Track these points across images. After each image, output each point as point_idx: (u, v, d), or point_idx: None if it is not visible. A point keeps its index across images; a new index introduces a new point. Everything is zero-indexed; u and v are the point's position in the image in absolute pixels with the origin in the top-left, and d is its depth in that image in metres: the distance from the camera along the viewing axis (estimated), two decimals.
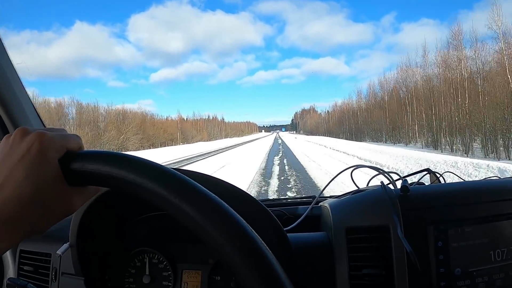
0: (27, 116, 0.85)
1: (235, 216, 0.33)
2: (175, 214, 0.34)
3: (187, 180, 0.35)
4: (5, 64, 0.80)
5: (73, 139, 0.40)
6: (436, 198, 0.69)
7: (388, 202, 0.65)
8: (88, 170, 0.37)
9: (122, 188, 0.36)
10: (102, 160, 0.37)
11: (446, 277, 0.64)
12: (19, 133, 0.38)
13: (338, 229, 0.68)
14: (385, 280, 0.63)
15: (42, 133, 0.37)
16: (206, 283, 0.72)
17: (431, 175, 0.87)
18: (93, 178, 0.37)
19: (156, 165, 0.36)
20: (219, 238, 0.32)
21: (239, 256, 0.31)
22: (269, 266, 0.31)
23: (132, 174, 0.35)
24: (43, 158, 0.36)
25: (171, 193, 0.34)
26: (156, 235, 0.77)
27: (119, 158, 0.37)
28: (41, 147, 0.36)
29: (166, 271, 0.75)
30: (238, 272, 0.31)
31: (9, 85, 0.80)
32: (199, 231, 0.33)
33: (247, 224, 0.33)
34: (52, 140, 0.37)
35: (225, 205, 0.34)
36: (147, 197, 0.35)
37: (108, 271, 0.76)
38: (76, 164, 0.37)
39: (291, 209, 0.93)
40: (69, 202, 0.39)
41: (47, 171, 0.36)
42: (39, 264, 0.80)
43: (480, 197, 0.69)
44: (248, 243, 0.32)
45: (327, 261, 0.67)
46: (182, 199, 0.33)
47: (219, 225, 0.32)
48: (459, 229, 0.66)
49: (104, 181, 0.37)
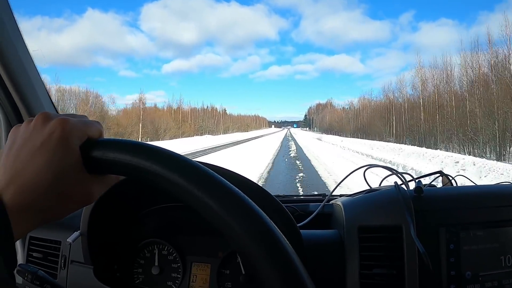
0: (42, 103, 0.85)
1: (260, 213, 0.33)
2: (198, 207, 0.34)
3: (211, 173, 0.35)
4: (22, 50, 0.80)
5: (94, 126, 0.39)
6: (449, 200, 0.69)
7: (402, 202, 0.66)
8: (110, 158, 0.36)
9: (143, 178, 0.36)
10: (124, 149, 0.36)
11: (457, 280, 0.64)
12: (41, 118, 0.37)
13: (350, 227, 0.68)
14: (396, 280, 0.63)
15: (65, 119, 0.36)
16: (215, 276, 0.72)
17: (443, 177, 0.87)
18: (113, 166, 0.37)
19: (179, 157, 0.36)
20: (244, 235, 0.32)
21: (264, 254, 0.31)
22: (293, 267, 0.31)
23: (156, 165, 0.35)
24: (65, 145, 0.35)
25: (195, 186, 0.33)
26: (167, 227, 0.77)
27: (142, 148, 0.36)
28: (63, 133, 0.35)
29: (175, 263, 0.75)
30: (262, 271, 0.31)
31: (25, 72, 0.80)
32: (221, 225, 0.33)
33: (271, 221, 0.33)
34: (74, 126, 0.36)
35: (249, 200, 0.34)
36: (168, 188, 0.35)
37: (117, 261, 0.76)
38: (97, 152, 0.37)
39: (302, 206, 0.93)
40: (88, 191, 0.38)
41: (68, 159, 0.36)
42: (48, 251, 0.80)
43: (492, 201, 0.69)
44: (273, 241, 0.32)
45: (338, 258, 0.67)
46: (206, 193, 0.33)
47: (244, 222, 0.32)
48: (471, 233, 0.66)
49: (125, 171, 0.37)
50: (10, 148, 0.37)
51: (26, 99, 0.81)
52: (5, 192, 0.34)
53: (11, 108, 0.82)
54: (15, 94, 0.79)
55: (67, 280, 0.75)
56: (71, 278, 0.75)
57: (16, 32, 0.79)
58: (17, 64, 0.79)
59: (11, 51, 0.77)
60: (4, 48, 0.75)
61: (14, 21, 0.78)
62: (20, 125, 0.39)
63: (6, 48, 0.76)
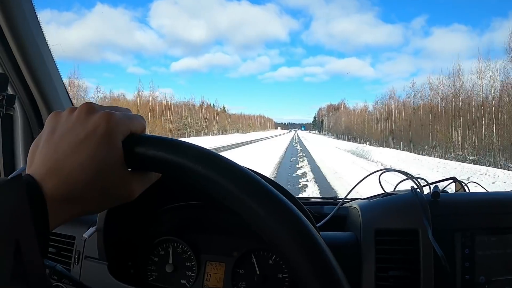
0: (60, 98, 0.85)
1: (298, 213, 0.34)
2: (239, 209, 0.34)
3: (252, 175, 0.35)
4: (42, 45, 0.81)
5: (138, 120, 0.38)
6: (464, 205, 0.70)
7: (419, 206, 0.66)
8: (152, 155, 0.36)
9: (185, 178, 0.36)
10: (169, 146, 0.36)
11: (471, 284, 0.65)
12: (85, 109, 0.36)
13: (367, 230, 0.69)
14: (411, 283, 0.64)
15: (110, 113, 0.35)
16: (229, 275, 0.72)
17: (457, 183, 0.88)
18: (156, 163, 0.36)
19: (221, 158, 0.36)
20: (285, 235, 0.33)
21: (303, 254, 0.32)
22: (331, 267, 0.32)
23: (200, 166, 0.35)
24: (109, 140, 0.35)
25: (238, 188, 0.34)
26: (182, 225, 0.78)
27: (187, 147, 0.36)
28: (108, 128, 0.35)
29: (189, 261, 0.75)
30: (299, 269, 0.32)
31: (45, 66, 0.81)
32: (262, 227, 0.33)
33: (308, 221, 0.34)
34: (119, 121, 0.36)
35: (286, 200, 0.34)
36: (210, 189, 0.35)
37: (132, 258, 0.76)
38: (140, 148, 0.36)
39: (317, 208, 0.94)
40: (129, 188, 0.37)
41: (110, 155, 0.35)
42: (62, 246, 0.80)
43: (506, 207, 0.70)
44: (311, 242, 0.33)
45: (354, 260, 0.68)
46: (249, 196, 0.33)
47: (284, 223, 0.33)
48: (485, 238, 0.67)
49: (167, 168, 0.36)
50: (50, 135, 0.36)
51: (45, 93, 0.81)
52: (45, 182, 0.33)
53: (30, 103, 0.82)
54: (34, 88, 0.79)
55: (80, 275, 0.75)
56: (85, 274, 0.75)
57: (37, 26, 0.79)
58: (37, 58, 0.79)
59: (32, 45, 0.77)
60: (25, 42, 0.76)
61: (35, 15, 0.79)
62: (60, 112, 0.38)
63: (27, 43, 0.76)
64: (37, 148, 0.36)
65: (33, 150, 0.37)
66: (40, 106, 0.82)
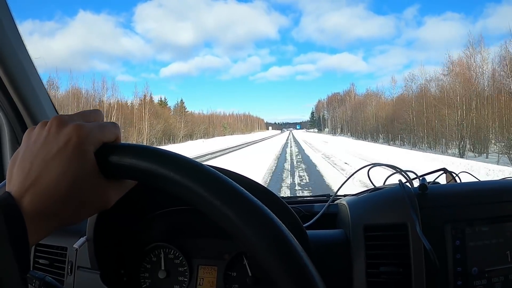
0: (45, 109, 0.85)
1: (273, 217, 0.34)
2: (214, 216, 0.34)
3: (228, 181, 0.35)
4: (24, 58, 0.81)
5: (109, 129, 0.39)
6: (453, 197, 0.69)
7: (407, 200, 0.66)
8: (126, 163, 0.36)
9: (160, 185, 0.36)
10: (141, 154, 0.36)
11: (463, 276, 0.64)
12: (55, 122, 0.37)
13: (356, 227, 0.68)
14: (402, 278, 0.63)
15: (80, 125, 0.36)
16: (222, 278, 0.72)
17: (447, 174, 0.87)
18: (130, 172, 0.37)
19: (194, 162, 0.36)
20: (258, 241, 0.32)
21: (279, 261, 0.32)
22: (307, 273, 0.32)
23: (173, 172, 0.35)
24: (80, 152, 0.35)
25: (212, 194, 0.34)
26: (172, 230, 0.77)
27: (159, 154, 0.36)
28: (79, 141, 0.35)
29: (182, 266, 0.75)
30: (276, 275, 0.32)
31: (27, 78, 0.81)
32: (237, 233, 0.33)
33: (284, 225, 0.34)
34: (90, 132, 0.36)
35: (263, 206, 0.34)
36: (182, 195, 0.35)
37: (124, 266, 0.76)
38: (114, 158, 0.37)
39: (307, 206, 0.94)
40: (105, 196, 0.38)
41: (84, 166, 0.36)
42: (55, 258, 0.80)
43: (497, 196, 0.69)
44: (286, 247, 0.33)
45: (345, 258, 0.67)
46: (224, 202, 0.33)
47: (258, 228, 0.33)
48: (476, 228, 0.66)
49: (141, 176, 0.36)
50: (24, 152, 0.37)
51: (29, 106, 0.81)
52: (22, 199, 0.34)
53: (14, 115, 0.82)
54: (18, 101, 0.79)
55: (74, 286, 0.75)
56: (78, 284, 0.75)
57: (17, 38, 0.79)
58: (20, 71, 0.79)
59: (13, 58, 0.77)
60: (6, 55, 0.76)
61: (15, 27, 0.79)
62: (33, 128, 0.39)
63: (8, 56, 0.76)
64: (14, 165, 0.37)
65: (11, 167, 0.37)
66: (25, 118, 0.83)
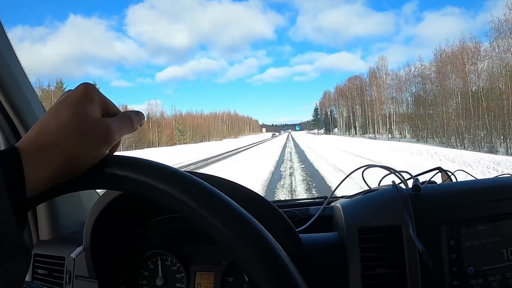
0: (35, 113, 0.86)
1: (256, 224, 0.34)
2: (200, 224, 0.35)
3: (214, 191, 0.35)
4: (16, 69, 0.81)
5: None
6: (448, 197, 0.69)
7: (400, 201, 0.66)
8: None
9: (146, 193, 0.37)
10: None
11: (459, 276, 0.64)
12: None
13: (350, 229, 0.68)
14: (398, 280, 0.63)
15: (90, 84, 0.39)
16: (219, 284, 0.73)
17: (443, 173, 0.86)
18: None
19: (168, 168, 0.37)
20: (243, 248, 0.33)
21: (261, 268, 0.32)
22: (289, 278, 0.32)
23: (151, 179, 0.36)
24: (87, 96, 0.37)
25: (198, 203, 0.34)
26: (169, 238, 0.78)
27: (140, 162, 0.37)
28: (88, 90, 0.38)
29: (179, 273, 0.75)
30: (258, 282, 0.32)
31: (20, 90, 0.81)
32: (221, 239, 0.34)
33: (268, 233, 0.34)
34: (97, 91, 0.39)
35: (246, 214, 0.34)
36: (166, 202, 0.36)
37: (122, 274, 0.77)
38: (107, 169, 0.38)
39: (303, 209, 0.93)
40: (107, 128, 0.38)
41: (86, 100, 0.37)
42: (53, 268, 0.81)
43: (493, 195, 0.69)
44: (269, 254, 0.33)
45: (340, 261, 0.67)
46: (210, 212, 0.34)
47: (242, 236, 0.33)
48: (471, 228, 0.65)
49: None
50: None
51: (23, 117, 0.82)
52: (22, 142, 0.35)
53: (8, 126, 0.82)
54: (12, 112, 0.80)
55: None
56: None
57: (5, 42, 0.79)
58: (12, 82, 0.79)
59: (5, 69, 0.77)
60: None
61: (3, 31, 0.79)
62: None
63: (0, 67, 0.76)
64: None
65: None
66: (16, 122, 0.83)
